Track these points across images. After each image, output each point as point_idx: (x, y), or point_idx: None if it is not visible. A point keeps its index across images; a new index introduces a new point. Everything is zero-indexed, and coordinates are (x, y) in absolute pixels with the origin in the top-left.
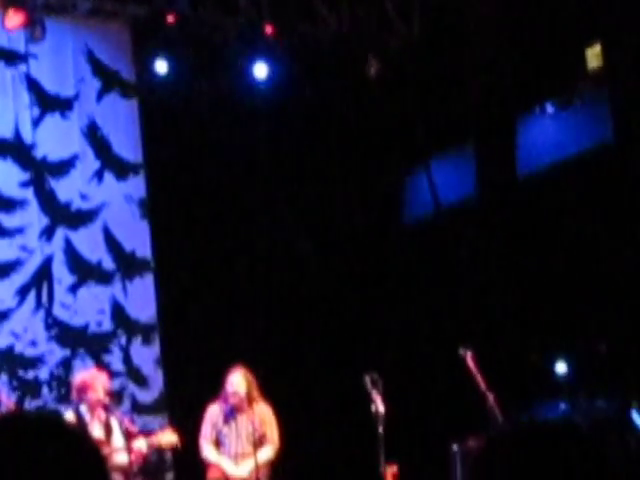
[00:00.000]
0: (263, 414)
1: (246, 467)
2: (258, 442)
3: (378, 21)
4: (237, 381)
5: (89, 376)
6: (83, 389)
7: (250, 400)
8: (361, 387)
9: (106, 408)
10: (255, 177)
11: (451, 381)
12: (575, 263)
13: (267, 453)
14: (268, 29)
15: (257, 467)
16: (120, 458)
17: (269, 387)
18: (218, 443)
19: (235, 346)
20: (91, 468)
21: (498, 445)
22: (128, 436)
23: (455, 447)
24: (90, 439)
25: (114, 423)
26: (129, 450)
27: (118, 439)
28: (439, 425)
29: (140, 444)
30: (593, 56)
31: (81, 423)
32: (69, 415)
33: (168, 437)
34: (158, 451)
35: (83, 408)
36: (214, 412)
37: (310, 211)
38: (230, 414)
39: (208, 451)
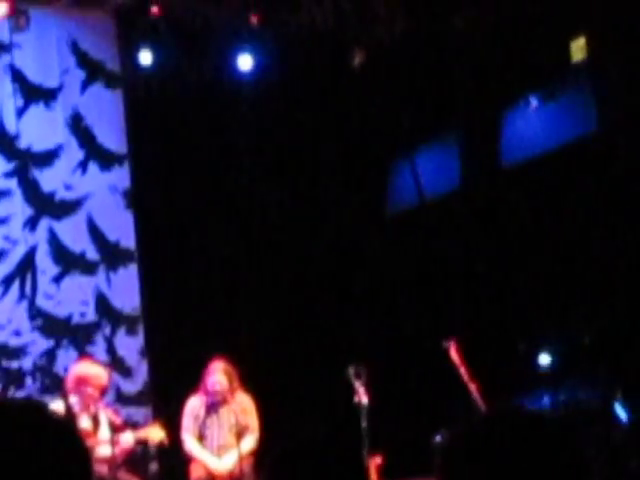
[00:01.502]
0: (244, 404)
1: (229, 460)
2: (240, 433)
3: (363, 12)
4: (218, 378)
5: (93, 371)
6: (83, 381)
7: (231, 391)
8: (344, 378)
9: (96, 401)
10: (239, 168)
11: (435, 372)
12: (560, 254)
13: (249, 443)
14: (253, 20)
15: (240, 458)
16: (104, 450)
17: (252, 378)
18: (201, 436)
19: (219, 337)
20: (74, 457)
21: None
22: (114, 428)
23: (438, 438)
24: (74, 428)
25: (102, 416)
26: (114, 443)
27: (104, 432)
28: (423, 416)
29: (127, 438)
30: (577, 49)
31: (70, 413)
32: (57, 404)
33: (156, 432)
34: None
35: (73, 399)
36: (195, 405)
37: (294, 202)
38: (212, 406)
39: (191, 444)
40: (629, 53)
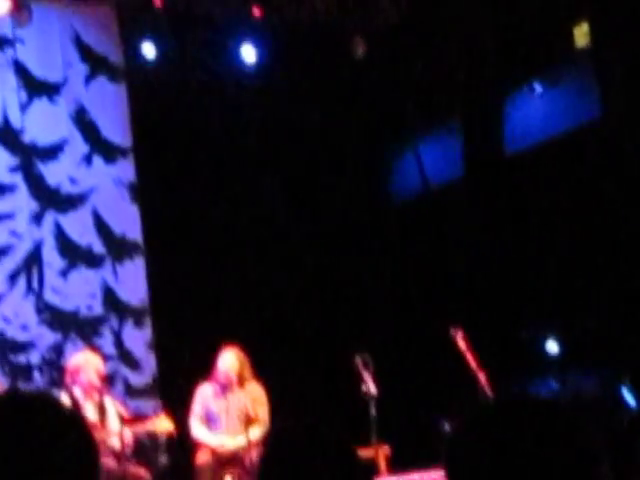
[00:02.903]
0: (255, 394)
1: (238, 440)
2: (248, 421)
3: (364, 1)
4: (228, 360)
5: (82, 358)
6: (76, 371)
7: (242, 380)
8: (352, 368)
9: (99, 391)
10: (244, 159)
11: (442, 360)
12: (564, 241)
13: (256, 434)
14: (256, 11)
15: (249, 445)
16: (114, 441)
17: (260, 369)
18: (208, 420)
19: (226, 328)
20: (82, 449)
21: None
22: (122, 421)
23: (446, 426)
24: (83, 420)
25: (109, 405)
26: (122, 434)
27: (113, 422)
28: (430, 405)
29: (125, 432)
30: (581, 35)
31: (75, 406)
32: (63, 398)
33: (163, 423)
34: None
35: (77, 391)
36: (205, 391)
37: (299, 192)
38: (221, 392)
39: (198, 429)
40: (632, 39)
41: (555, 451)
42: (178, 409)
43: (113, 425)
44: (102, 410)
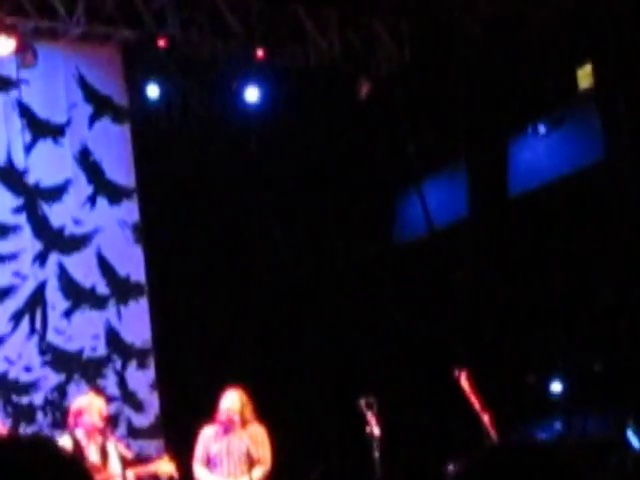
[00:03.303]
0: (256, 435)
1: None
2: (251, 462)
3: (369, 43)
4: (231, 400)
5: (85, 400)
6: (79, 413)
7: (243, 421)
8: (356, 410)
9: (102, 433)
10: (248, 200)
11: (446, 402)
12: (568, 282)
13: (258, 473)
14: (259, 53)
15: None
16: None
17: (264, 410)
18: (209, 464)
19: (230, 369)
20: None
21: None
22: (124, 463)
23: (451, 467)
24: (83, 465)
25: (111, 448)
26: (124, 477)
27: (115, 465)
28: (435, 446)
29: (128, 475)
30: (584, 76)
31: (77, 448)
32: (65, 440)
33: (165, 466)
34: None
35: (80, 433)
36: (208, 434)
37: (303, 233)
38: (222, 434)
39: (199, 472)
40: (635, 80)
41: None
42: (181, 450)
43: (115, 468)
44: (104, 452)
